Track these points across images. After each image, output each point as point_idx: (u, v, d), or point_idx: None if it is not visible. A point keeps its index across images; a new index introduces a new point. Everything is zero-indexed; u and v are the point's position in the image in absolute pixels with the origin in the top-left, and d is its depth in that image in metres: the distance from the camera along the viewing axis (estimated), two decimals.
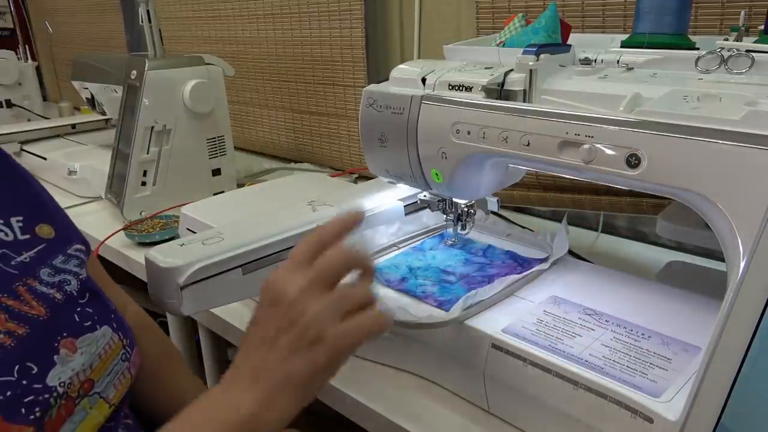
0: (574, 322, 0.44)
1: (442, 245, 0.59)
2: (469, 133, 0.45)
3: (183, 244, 0.50)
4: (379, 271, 0.54)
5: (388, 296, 0.49)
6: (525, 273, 0.51)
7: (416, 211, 0.65)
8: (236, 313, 0.60)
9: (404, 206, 0.63)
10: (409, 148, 0.50)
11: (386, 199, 0.62)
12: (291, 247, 0.53)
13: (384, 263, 0.56)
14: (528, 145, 0.41)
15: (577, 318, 0.44)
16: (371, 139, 0.53)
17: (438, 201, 0.55)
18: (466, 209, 0.55)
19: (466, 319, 0.45)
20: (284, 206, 0.59)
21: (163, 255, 0.47)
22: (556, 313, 0.45)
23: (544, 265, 0.52)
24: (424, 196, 0.56)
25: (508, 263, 0.54)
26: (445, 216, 0.57)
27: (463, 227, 0.57)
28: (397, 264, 0.55)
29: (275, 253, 0.53)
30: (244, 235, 0.52)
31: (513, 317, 0.44)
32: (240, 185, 0.91)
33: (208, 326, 0.63)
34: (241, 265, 0.50)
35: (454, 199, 0.55)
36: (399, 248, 0.60)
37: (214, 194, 0.86)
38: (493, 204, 0.54)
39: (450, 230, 0.58)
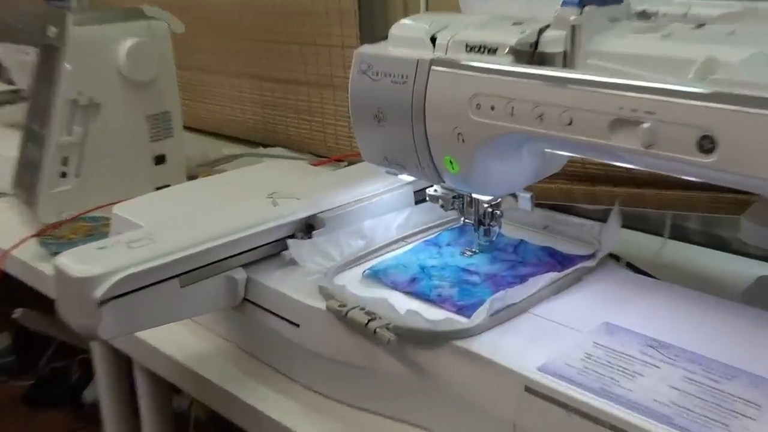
0: (633, 358, 0.44)
1: (462, 241, 0.60)
2: (492, 108, 0.45)
3: (103, 247, 0.50)
4: (384, 272, 0.55)
5: (394, 300, 0.49)
6: (566, 271, 0.52)
7: (436, 197, 0.66)
8: (178, 343, 0.60)
9: (414, 192, 0.64)
10: (415, 128, 0.50)
11: (378, 188, 0.63)
12: (243, 253, 0.55)
13: (390, 261, 0.57)
14: (570, 123, 0.42)
15: (638, 352, 0.44)
16: (365, 116, 0.53)
17: (453, 198, 0.56)
18: (489, 209, 0.56)
19: (492, 327, 0.46)
20: (236, 200, 0.60)
21: (77, 261, 0.48)
22: (610, 346, 0.45)
23: (590, 263, 0.54)
24: (435, 191, 0.57)
25: (546, 261, 0.56)
26: (462, 218, 0.58)
27: (487, 233, 0.57)
28: (406, 262, 0.57)
29: (222, 259, 0.54)
30: (181, 236, 0.53)
31: (553, 351, 0.45)
32: (191, 177, 0.91)
33: (145, 364, 0.64)
34: (177, 275, 0.51)
35: (474, 196, 0.55)
36: (408, 242, 0.61)
37: (157, 189, 0.86)
38: (525, 201, 0.54)
39: (468, 236, 0.59)
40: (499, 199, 0.56)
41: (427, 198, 0.58)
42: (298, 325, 0.52)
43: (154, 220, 0.61)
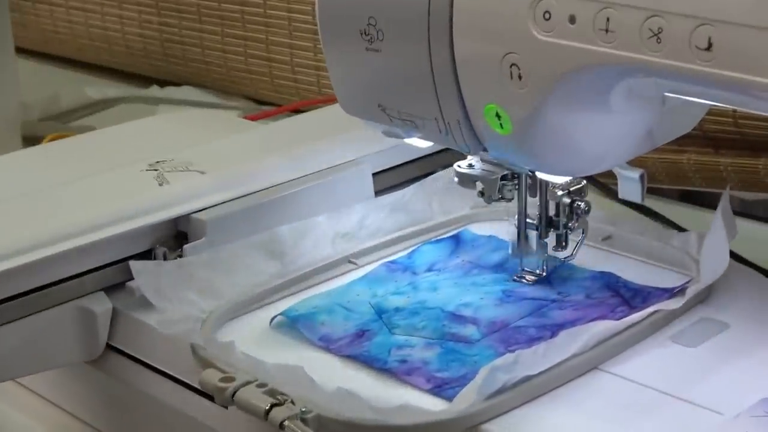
0: None
1: (456, 262, 0.62)
2: (573, 20, 0.46)
3: None
4: (309, 319, 0.56)
5: (319, 370, 0.50)
6: (631, 317, 0.53)
7: (402, 185, 0.68)
8: None
9: (374, 174, 0.66)
10: (435, 53, 0.51)
11: (336, 155, 0.65)
12: (104, 267, 0.57)
13: (320, 301, 0.58)
14: (709, 48, 0.42)
15: None
16: (344, 30, 0.54)
17: (500, 178, 0.57)
18: (566, 199, 0.57)
19: (504, 412, 0.47)
20: (99, 175, 0.63)
21: None
22: None
23: (676, 302, 0.55)
24: (469, 166, 0.58)
25: (600, 297, 0.57)
26: (516, 216, 0.59)
27: (561, 243, 0.58)
28: (350, 302, 0.58)
29: (67, 279, 0.55)
30: None
31: None
32: (31, 141, 0.92)
33: None
34: None
35: (540, 175, 0.56)
36: (358, 265, 0.63)
37: None
38: (630, 184, 0.55)
39: (474, 251, 0.61)
40: (583, 182, 0.56)
41: (456, 177, 0.58)
42: (211, 398, 0.52)
43: None
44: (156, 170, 0.63)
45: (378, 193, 0.67)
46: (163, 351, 0.55)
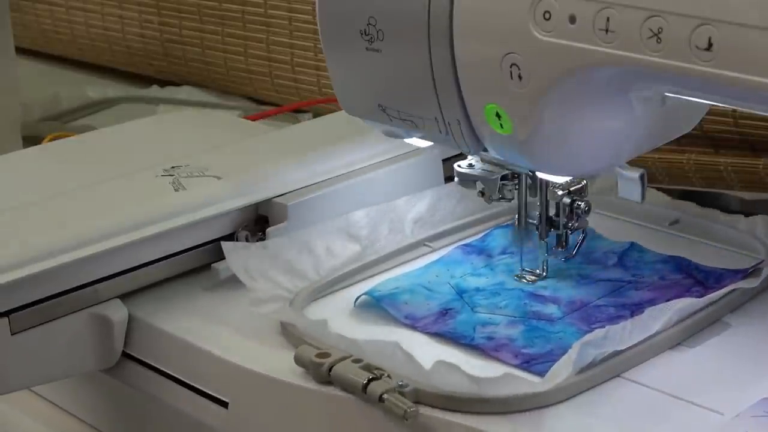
0: None
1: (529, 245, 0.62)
2: (573, 20, 0.46)
3: None
4: (392, 299, 0.57)
5: (412, 346, 0.51)
6: (711, 296, 0.54)
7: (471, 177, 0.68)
8: None
9: (444, 161, 0.67)
10: (435, 53, 0.51)
11: (377, 153, 0.65)
12: (121, 274, 0.57)
13: (402, 281, 0.59)
14: (709, 48, 0.42)
15: None
16: (345, 31, 0.54)
17: (500, 178, 0.57)
18: (566, 200, 0.57)
19: (581, 391, 0.48)
20: (108, 180, 0.62)
21: None
22: None
23: (751, 282, 0.56)
24: (469, 166, 0.58)
25: (674, 280, 0.57)
26: (517, 216, 0.59)
27: (561, 243, 0.58)
28: (432, 283, 0.59)
29: (84, 285, 0.55)
30: (6, 245, 0.54)
31: None
32: (31, 140, 0.91)
33: None
34: (5, 313, 0.52)
35: (540, 175, 0.56)
36: (434, 248, 0.63)
37: None
38: (630, 184, 0.55)
39: (531, 250, 0.60)
40: (583, 182, 0.56)
41: (456, 178, 0.59)
42: (226, 405, 0.53)
43: None
44: (170, 174, 0.63)
45: (447, 179, 0.68)
46: (179, 358, 0.55)
